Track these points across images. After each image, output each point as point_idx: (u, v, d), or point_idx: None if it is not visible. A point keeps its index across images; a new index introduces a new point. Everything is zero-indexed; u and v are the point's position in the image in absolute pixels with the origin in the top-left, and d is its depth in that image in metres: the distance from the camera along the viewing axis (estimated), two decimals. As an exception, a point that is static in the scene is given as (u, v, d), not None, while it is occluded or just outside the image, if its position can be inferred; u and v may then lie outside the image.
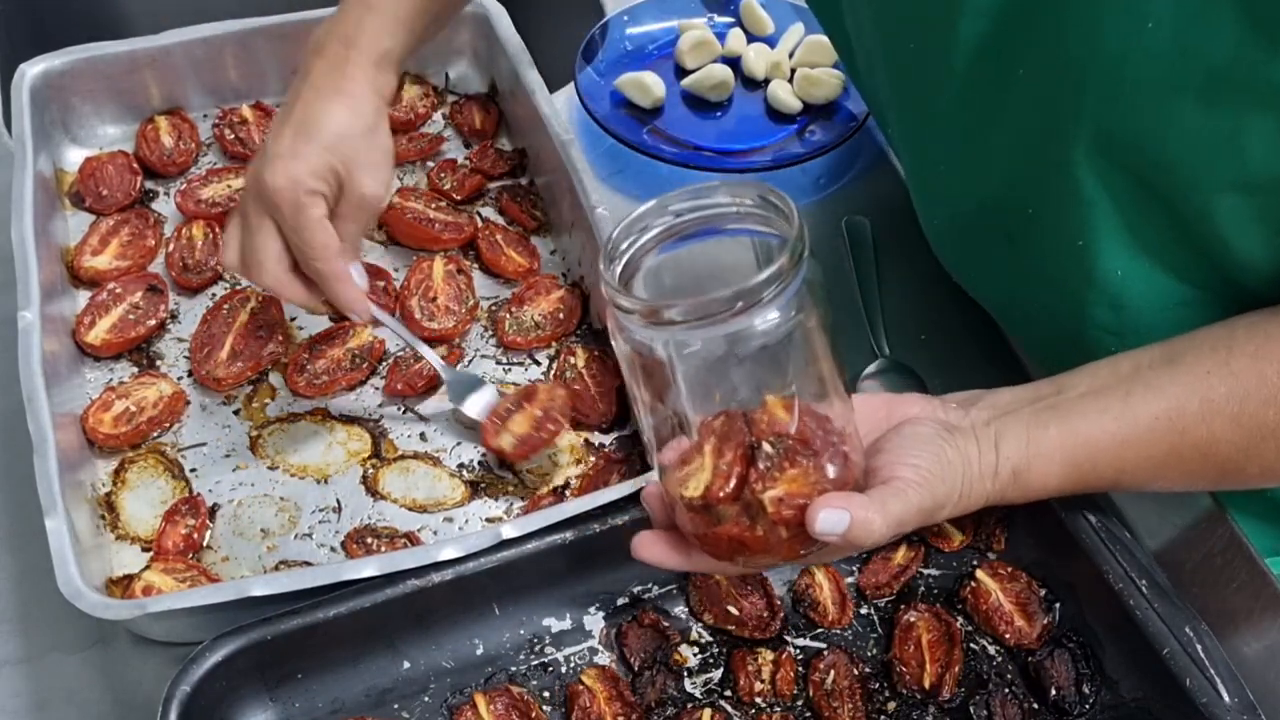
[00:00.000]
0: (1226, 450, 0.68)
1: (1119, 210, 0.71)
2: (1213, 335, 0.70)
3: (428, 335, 0.95)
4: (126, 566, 0.82)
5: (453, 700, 0.77)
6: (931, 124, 0.81)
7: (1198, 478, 0.71)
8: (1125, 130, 0.67)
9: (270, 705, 0.75)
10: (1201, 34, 0.61)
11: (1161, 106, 0.64)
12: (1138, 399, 0.69)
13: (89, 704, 0.77)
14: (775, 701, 0.77)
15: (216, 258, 0.99)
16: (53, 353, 0.86)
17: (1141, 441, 0.68)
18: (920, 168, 0.88)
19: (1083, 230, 0.73)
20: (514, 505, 0.87)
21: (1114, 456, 0.69)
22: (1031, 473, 0.68)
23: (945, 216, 0.88)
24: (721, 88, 1.15)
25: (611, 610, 0.81)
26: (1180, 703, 0.72)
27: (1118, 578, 0.76)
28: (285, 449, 0.89)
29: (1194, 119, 0.63)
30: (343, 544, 0.84)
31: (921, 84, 0.79)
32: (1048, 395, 0.71)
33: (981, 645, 0.80)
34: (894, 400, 0.71)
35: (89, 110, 1.07)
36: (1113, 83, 0.65)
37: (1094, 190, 0.71)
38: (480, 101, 1.13)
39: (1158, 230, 0.71)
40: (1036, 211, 0.76)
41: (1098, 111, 0.67)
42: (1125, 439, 0.68)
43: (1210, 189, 0.66)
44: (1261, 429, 0.67)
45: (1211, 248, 0.69)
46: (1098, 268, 0.74)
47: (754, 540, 0.60)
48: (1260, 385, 0.67)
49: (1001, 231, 0.81)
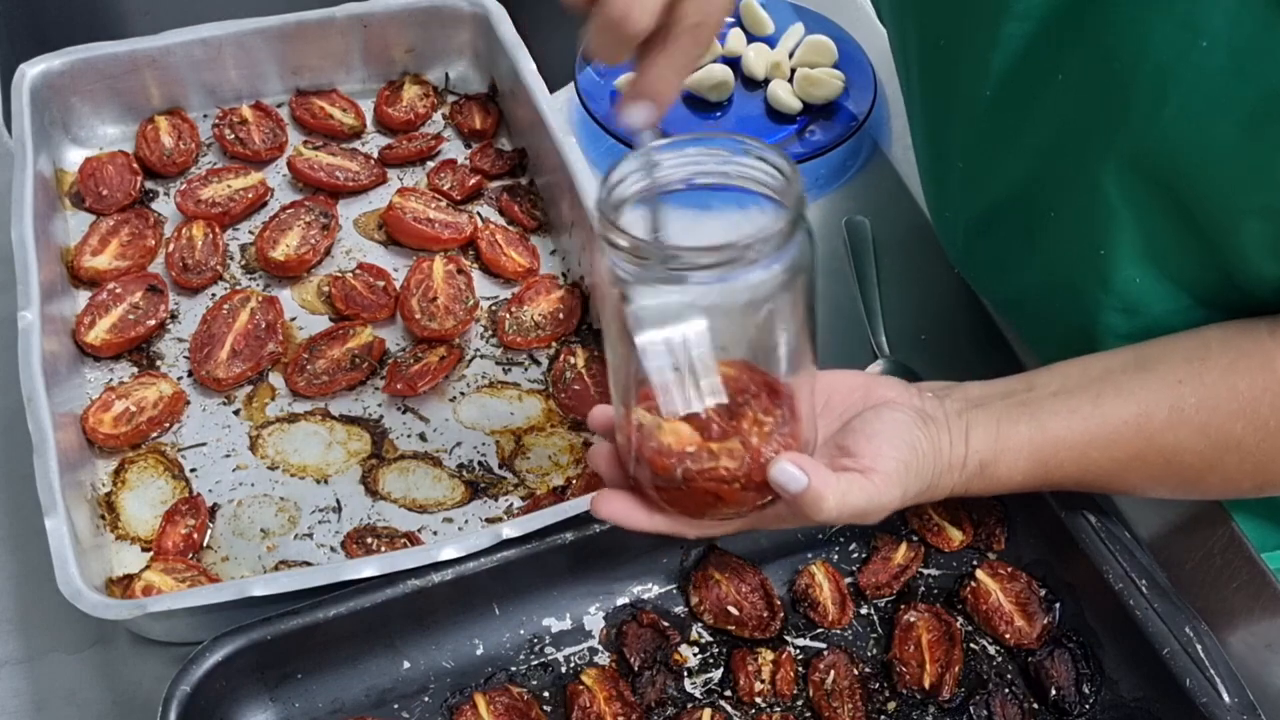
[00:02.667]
0: (1190, 459, 0.69)
1: (1141, 222, 0.71)
2: (1186, 344, 0.71)
3: (427, 335, 0.95)
4: (126, 566, 0.82)
5: (453, 700, 0.77)
6: (960, 119, 0.81)
7: (1159, 483, 0.72)
8: (1162, 146, 0.67)
9: (270, 705, 0.75)
10: (1257, 59, 0.60)
11: (1204, 126, 0.64)
12: (1108, 402, 0.69)
13: (89, 704, 0.77)
14: (775, 701, 0.77)
15: (217, 258, 0.99)
16: (53, 353, 0.86)
17: (1108, 443, 0.69)
18: (940, 161, 0.88)
19: (1103, 239, 0.73)
20: (514, 505, 0.87)
21: (1079, 455, 0.69)
22: (998, 466, 0.69)
23: (961, 212, 0.88)
24: (721, 88, 1.15)
25: (611, 610, 0.81)
26: (1180, 703, 0.72)
27: (1118, 578, 0.76)
28: (285, 449, 0.89)
29: (1235, 142, 0.63)
30: (343, 544, 0.84)
31: (955, 79, 0.79)
32: (1019, 391, 0.71)
33: (981, 645, 0.80)
34: (872, 381, 0.71)
35: (89, 110, 1.06)
36: (1156, 98, 0.65)
37: (1118, 200, 0.71)
38: (480, 101, 1.13)
39: (1179, 245, 0.71)
40: (1057, 215, 0.76)
41: (1136, 125, 0.67)
42: (1092, 439, 0.69)
43: (1240, 211, 0.66)
44: (1227, 441, 0.68)
45: (1232, 267, 0.69)
46: (1115, 275, 0.74)
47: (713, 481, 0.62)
48: (1231, 398, 0.68)
49: (1019, 231, 0.81)
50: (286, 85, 1.12)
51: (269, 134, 1.09)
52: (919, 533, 0.84)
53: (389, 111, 1.11)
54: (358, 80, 1.14)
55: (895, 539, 0.84)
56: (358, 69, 1.13)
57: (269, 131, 1.09)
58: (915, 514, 0.85)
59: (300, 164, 1.05)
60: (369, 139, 1.11)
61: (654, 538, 0.80)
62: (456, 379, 0.94)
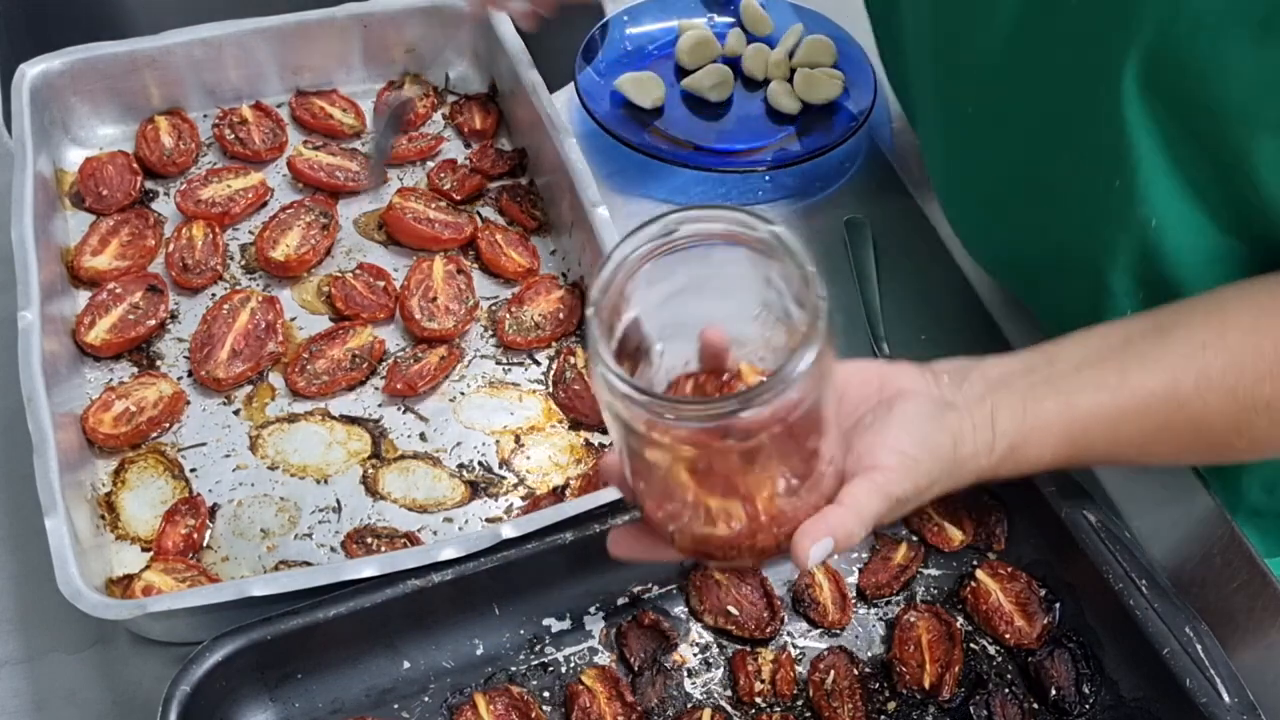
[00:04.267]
0: (1219, 424, 0.68)
1: (1161, 148, 0.70)
2: (1203, 306, 0.70)
3: (427, 335, 0.95)
4: (126, 566, 0.82)
5: (453, 700, 0.77)
6: (973, 66, 0.80)
7: (1186, 451, 0.72)
8: (1175, 60, 0.66)
9: (270, 705, 0.75)
10: None
11: (1216, 39, 0.64)
12: (1134, 372, 0.68)
13: (89, 704, 0.77)
14: (775, 701, 0.77)
15: (217, 258, 0.99)
16: (53, 353, 0.86)
17: (1137, 415, 0.68)
18: (950, 117, 0.87)
19: (1121, 169, 0.72)
20: (514, 505, 0.87)
21: (1109, 430, 0.68)
22: (1028, 447, 0.67)
23: (969, 171, 0.87)
24: (721, 88, 1.15)
25: (611, 610, 0.81)
26: (1180, 703, 0.72)
27: (1118, 578, 0.76)
28: (285, 449, 0.89)
29: (1247, 54, 0.63)
30: (343, 544, 0.84)
31: (969, 22, 0.78)
32: (1040, 366, 0.70)
33: (981, 645, 0.80)
34: (886, 371, 0.69)
35: (89, 110, 1.07)
36: (1169, 10, 0.65)
37: (1137, 125, 0.70)
38: (480, 101, 1.13)
39: (1198, 171, 0.70)
40: (1074, 155, 0.76)
41: (1150, 40, 0.67)
42: (1122, 413, 0.68)
43: (1253, 127, 0.65)
44: (1255, 403, 0.67)
45: (1246, 192, 0.69)
46: (1133, 214, 0.74)
47: (721, 543, 0.59)
48: (1257, 359, 0.67)
49: (1031, 182, 0.80)
50: (286, 85, 1.12)
51: (269, 134, 1.09)
52: (919, 533, 0.84)
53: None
54: (358, 80, 1.14)
55: (895, 539, 0.84)
56: (358, 69, 1.13)
57: (269, 131, 1.09)
58: (915, 514, 0.85)
59: (300, 164, 1.05)
60: (369, 139, 1.11)
61: (654, 538, 0.81)
62: (456, 379, 0.94)
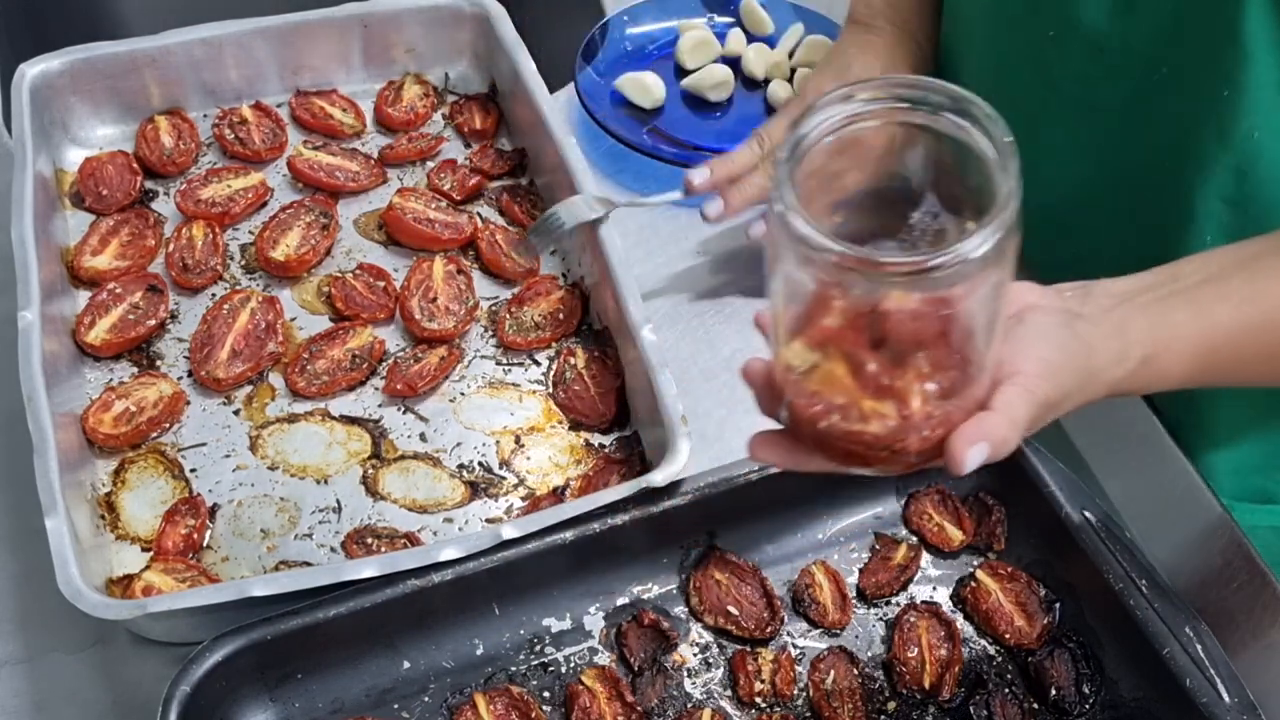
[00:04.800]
0: None
1: (1276, 51, 0.72)
2: None
3: (427, 335, 0.95)
4: (126, 566, 0.82)
5: (453, 700, 0.77)
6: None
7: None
8: None
9: (270, 705, 0.75)
10: None
11: None
12: (1263, 284, 0.68)
13: (89, 704, 0.77)
14: (775, 701, 0.77)
15: (217, 258, 0.99)
16: (53, 353, 0.86)
17: (1265, 328, 0.68)
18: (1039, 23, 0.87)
19: (1233, 77, 0.74)
20: (514, 505, 0.87)
21: (1237, 344, 0.67)
22: (1161, 359, 0.66)
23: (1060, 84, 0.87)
24: (721, 88, 1.15)
25: (611, 610, 0.81)
26: (1180, 703, 0.72)
27: (1118, 578, 0.76)
28: (285, 449, 0.89)
29: None
30: (343, 544, 0.84)
31: None
32: (1165, 283, 0.68)
33: (981, 645, 0.80)
34: (1011, 287, 0.65)
35: (89, 110, 1.07)
36: None
37: (1257, 29, 0.71)
38: (480, 101, 1.13)
39: None
40: (1177, 65, 0.77)
41: None
42: (1250, 325, 0.67)
43: None
44: None
45: None
46: (1236, 127, 0.75)
47: (871, 442, 0.57)
48: None
49: (1127, 93, 0.82)
50: (286, 85, 1.12)
51: (269, 134, 1.09)
52: (919, 533, 0.84)
53: (389, 111, 1.11)
54: (358, 80, 1.14)
55: (895, 539, 0.84)
56: (358, 69, 1.13)
57: (269, 131, 1.09)
58: (916, 514, 0.85)
59: (300, 164, 1.05)
60: (369, 139, 1.11)
61: (653, 538, 0.81)
62: (456, 379, 0.94)
